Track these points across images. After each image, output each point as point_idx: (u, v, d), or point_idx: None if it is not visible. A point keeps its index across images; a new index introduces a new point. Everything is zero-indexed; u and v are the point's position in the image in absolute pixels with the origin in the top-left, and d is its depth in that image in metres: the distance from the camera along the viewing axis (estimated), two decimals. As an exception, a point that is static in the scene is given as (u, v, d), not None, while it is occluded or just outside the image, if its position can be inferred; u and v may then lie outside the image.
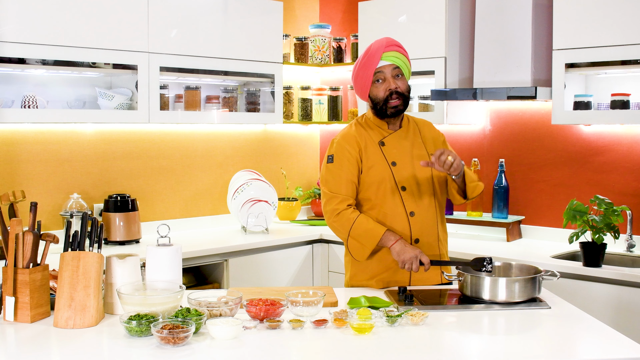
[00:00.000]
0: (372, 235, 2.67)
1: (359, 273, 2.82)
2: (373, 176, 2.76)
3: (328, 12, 5.09)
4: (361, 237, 2.68)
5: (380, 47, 2.71)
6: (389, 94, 2.73)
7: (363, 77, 2.75)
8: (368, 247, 2.68)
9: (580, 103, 3.66)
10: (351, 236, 2.70)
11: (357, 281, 2.83)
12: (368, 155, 2.77)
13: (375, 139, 2.80)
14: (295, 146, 4.99)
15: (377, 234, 2.66)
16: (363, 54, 2.76)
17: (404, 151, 2.80)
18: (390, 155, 2.78)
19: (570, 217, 3.34)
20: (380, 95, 2.74)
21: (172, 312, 2.18)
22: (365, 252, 2.69)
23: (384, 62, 2.72)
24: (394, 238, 2.66)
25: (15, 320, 2.25)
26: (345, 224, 2.70)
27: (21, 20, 3.36)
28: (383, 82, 2.73)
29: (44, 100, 3.63)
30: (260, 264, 4.02)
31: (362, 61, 2.75)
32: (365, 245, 2.68)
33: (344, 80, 4.95)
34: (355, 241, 2.70)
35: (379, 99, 2.75)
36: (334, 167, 2.77)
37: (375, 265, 2.78)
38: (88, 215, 2.42)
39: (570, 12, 3.55)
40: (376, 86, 2.74)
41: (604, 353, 2.04)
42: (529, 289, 2.48)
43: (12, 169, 3.69)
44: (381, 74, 2.73)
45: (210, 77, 4.25)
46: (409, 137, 2.84)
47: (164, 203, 4.29)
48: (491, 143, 4.26)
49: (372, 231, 2.67)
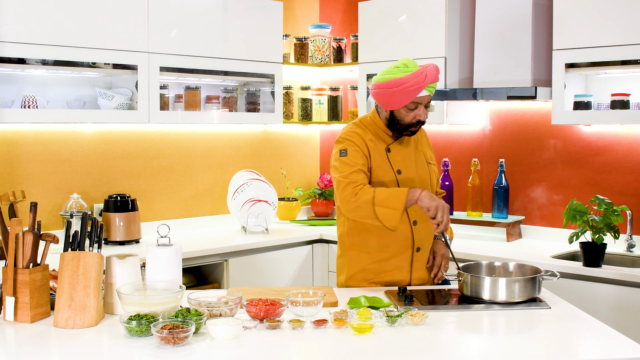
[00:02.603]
0: (398, 195, 2.58)
1: (358, 274, 2.82)
2: (378, 181, 2.74)
3: (328, 12, 5.09)
4: (387, 200, 2.58)
5: (429, 81, 2.64)
6: (414, 122, 2.72)
7: (400, 98, 2.66)
8: (398, 207, 2.57)
9: (580, 103, 3.66)
10: (376, 204, 2.59)
11: (356, 282, 2.82)
12: (375, 158, 2.75)
13: (381, 143, 2.79)
14: (295, 146, 4.99)
15: (402, 192, 2.58)
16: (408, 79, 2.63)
17: (408, 159, 2.81)
18: (395, 163, 2.78)
19: (570, 217, 3.34)
20: (406, 120, 2.72)
21: (172, 312, 2.18)
22: (397, 214, 2.57)
23: (425, 93, 2.68)
24: (419, 190, 2.59)
25: (15, 320, 2.25)
26: (366, 197, 2.60)
27: (21, 20, 3.36)
28: (414, 110, 2.69)
29: (44, 100, 3.63)
30: (260, 264, 4.02)
31: (405, 87, 2.63)
32: (394, 207, 2.57)
33: (344, 80, 4.95)
34: (383, 207, 2.58)
35: (403, 122, 2.72)
36: (348, 159, 2.72)
37: (374, 265, 2.79)
38: (88, 215, 2.42)
39: (570, 12, 3.55)
40: (407, 111, 2.70)
41: (604, 353, 2.04)
42: (529, 289, 2.48)
43: (12, 169, 3.69)
44: (418, 103, 2.69)
45: (210, 77, 4.25)
46: (411, 144, 2.85)
47: (164, 203, 4.29)
48: (491, 143, 4.26)
49: (396, 191, 2.59)
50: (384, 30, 4.31)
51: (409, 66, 2.66)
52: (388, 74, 2.67)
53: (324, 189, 4.88)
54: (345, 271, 2.85)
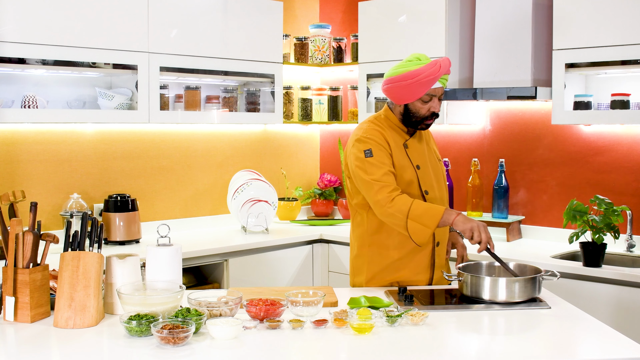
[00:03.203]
0: (433, 214, 2.58)
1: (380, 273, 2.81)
2: (401, 177, 2.74)
3: (328, 12, 5.09)
4: (421, 217, 2.58)
5: (444, 72, 2.66)
6: (429, 114, 2.73)
7: (415, 90, 2.67)
8: (430, 226, 2.58)
9: (580, 103, 3.66)
10: (410, 218, 2.59)
11: (378, 282, 2.82)
12: (396, 155, 2.76)
13: (398, 140, 2.79)
14: (295, 146, 4.99)
15: (438, 211, 2.58)
16: (422, 70, 2.65)
17: (423, 155, 2.83)
18: (414, 159, 2.79)
19: (570, 217, 3.34)
20: (421, 113, 2.73)
21: (172, 312, 2.18)
22: (427, 232, 2.59)
23: (438, 85, 2.69)
24: (455, 213, 2.59)
25: (15, 320, 2.25)
26: (402, 208, 2.59)
27: (21, 20, 3.36)
28: (429, 102, 2.71)
29: (44, 100, 3.63)
30: (260, 264, 4.02)
31: (420, 79, 2.64)
32: (427, 224, 2.58)
33: (344, 80, 4.95)
34: (416, 223, 2.59)
35: (418, 115, 2.73)
36: (375, 160, 2.70)
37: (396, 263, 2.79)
38: (88, 215, 2.42)
39: (570, 12, 3.55)
40: (422, 103, 2.71)
41: (604, 353, 2.04)
42: (529, 289, 2.48)
43: (12, 169, 3.69)
44: (430, 95, 2.70)
45: (210, 77, 4.25)
46: (423, 141, 2.87)
47: (164, 203, 4.29)
48: (491, 143, 4.26)
49: (432, 209, 2.59)
50: (384, 30, 4.31)
51: (421, 59, 2.69)
52: (401, 68, 2.69)
53: (324, 189, 4.88)
54: (365, 271, 2.83)
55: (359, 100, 4.58)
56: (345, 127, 4.97)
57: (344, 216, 4.80)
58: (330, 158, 5.08)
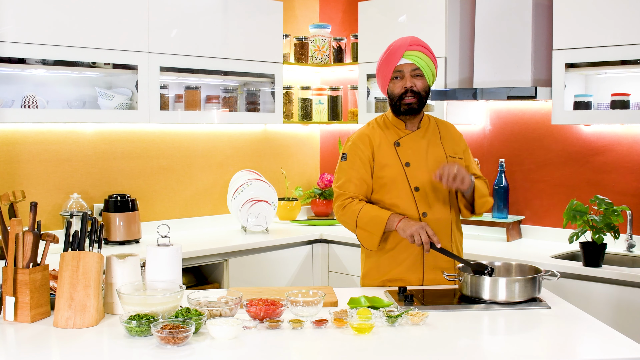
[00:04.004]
0: (377, 222, 2.67)
1: (372, 270, 2.83)
2: (385, 176, 2.77)
3: (328, 12, 5.09)
4: (368, 225, 2.69)
5: (402, 45, 2.74)
6: (404, 91, 2.77)
7: (383, 73, 2.79)
8: (376, 234, 2.68)
9: (580, 103, 3.66)
10: (359, 226, 2.71)
11: (370, 279, 2.84)
12: (382, 155, 2.78)
13: (391, 139, 2.82)
14: (295, 146, 4.99)
15: (382, 219, 2.66)
16: (385, 50, 2.80)
17: (419, 152, 2.82)
18: (404, 156, 2.80)
19: (570, 217, 3.34)
20: (396, 92, 2.78)
21: (172, 312, 2.18)
22: (374, 239, 2.69)
23: (404, 61, 2.75)
24: (397, 218, 2.65)
25: (15, 320, 2.25)
26: (351, 215, 2.71)
27: (21, 20, 3.36)
28: (400, 80, 2.77)
29: (44, 100, 3.63)
30: (260, 264, 4.02)
31: (384, 57, 2.79)
32: (373, 232, 2.68)
33: (344, 80, 4.95)
34: (363, 230, 2.71)
35: (394, 95, 2.79)
36: (346, 165, 2.81)
37: (387, 260, 2.79)
38: (88, 215, 2.42)
39: (570, 12, 3.55)
40: (394, 83, 2.78)
41: (604, 353, 2.04)
42: (529, 289, 2.48)
43: (12, 169, 3.69)
44: (400, 72, 2.76)
45: (210, 77, 4.25)
46: (427, 137, 2.86)
47: (164, 203, 4.29)
48: (491, 143, 4.26)
49: (377, 217, 2.68)
50: (384, 30, 4.31)
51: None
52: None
53: (324, 189, 4.88)
54: (362, 267, 2.90)
55: (359, 100, 4.58)
56: (345, 127, 4.97)
57: (344, 216, 4.80)
58: (330, 158, 5.08)
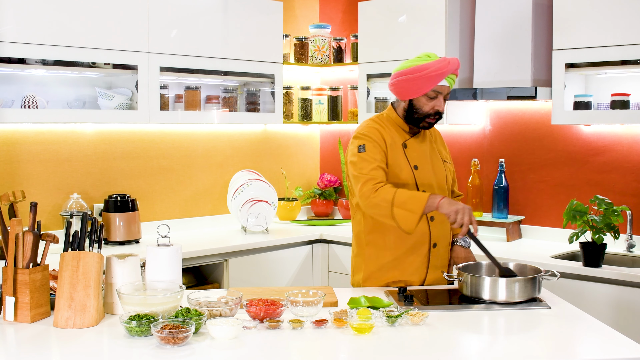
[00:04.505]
0: (417, 200, 2.56)
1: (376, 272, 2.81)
2: (397, 176, 2.74)
3: (328, 12, 5.09)
4: (407, 203, 2.56)
5: (450, 69, 2.67)
6: (432, 112, 2.73)
7: (422, 84, 2.68)
8: (416, 212, 2.55)
9: (580, 103, 3.66)
10: (396, 205, 2.56)
11: (374, 281, 2.82)
12: (393, 155, 2.76)
13: (397, 139, 2.79)
14: (295, 146, 4.99)
15: (423, 197, 2.57)
16: (428, 65, 2.67)
17: (424, 155, 2.81)
18: (412, 159, 2.78)
19: (570, 217, 3.34)
20: (425, 110, 2.73)
21: (172, 312, 2.18)
22: (414, 218, 2.56)
23: (445, 83, 2.69)
24: (439, 197, 2.57)
25: (15, 320, 2.25)
26: (386, 196, 2.58)
27: (21, 20, 3.36)
28: (433, 100, 2.71)
29: (44, 100, 3.63)
30: (260, 264, 4.02)
31: (426, 72, 2.66)
32: (413, 210, 2.55)
33: (344, 80, 4.95)
34: (402, 209, 2.56)
35: (422, 111, 2.73)
36: (366, 155, 2.71)
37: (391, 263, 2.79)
38: (88, 215, 2.42)
39: (570, 12, 3.55)
40: (426, 100, 2.71)
41: (604, 353, 2.04)
42: (529, 289, 2.48)
43: (12, 169, 3.69)
44: (436, 92, 2.70)
45: (210, 77, 4.25)
46: (427, 141, 2.86)
47: (164, 203, 4.29)
48: (491, 143, 4.26)
49: (417, 196, 2.58)
50: (384, 30, 4.31)
51: (430, 56, 2.71)
52: (410, 62, 2.71)
53: (324, 189, 4.88)
54: (363, 270, 2.84)
55: (358, 100, 4.58)
56: (345, 127, 4.97)
57: (344, 216, 4.80)
58: (330, 158, 5.08)
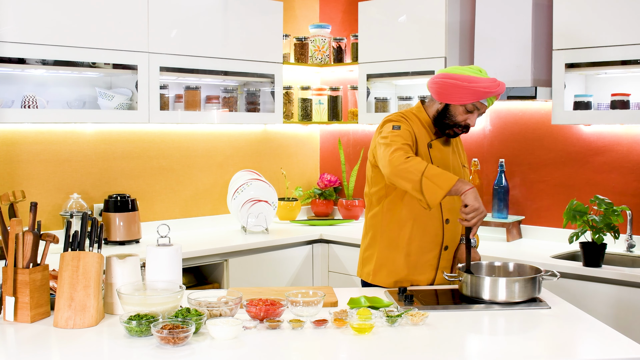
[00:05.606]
0: (447, 178, 2.54)
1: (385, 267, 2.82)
2: None
3: (328, 12, 5.09)
4: (437, 177, 2.53)
5: (498, 92, 2.70)
6: (463, 124, 2.75)
7: (464, 95, 2.69)
8: (444, 188, 2.52)
9: (580, 103, 3.66)
10: (426, 176, 2.52)
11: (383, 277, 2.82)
12: (419, 151, 2.77)
13: (424, 138, 2.80)
14: (295, 146, 4.99)
15: (453, 177, 2.55)
16: (482, 80, 2.69)
17: (446, 158, 2.83)
18: (435, 159, 2.79)
19: (570, 217, 3.34)
20: (457, 119, 2.74)
21: (172, 312, 2.18)
22: (440, 193, 2.53)
23: (485, 102, 2.73)
24: (470, 185, 2.56)
25: (15, 320, 2.25)
26: (418, 165, 2.55)
27: (21, 20, 3.36)
28: (469, 113, 2.73)
29: (44, 100, 3.63)
30: (260, 264, 4.02)
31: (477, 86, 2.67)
32: (441, 186, 2.53)
33: (344, 80, 4.95)
34: (431, 182, 2.53)
35: (454, 120, 2.75)
36: (401, 132, 2.70)
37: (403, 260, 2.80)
38: (88, 215, 2.42)
39: (570, 12, 3.55)
40: (463, 111, 2.73)
41: (604, 353, 2.04)
42: (529, 289, 2.48)
43: (12, 169, 3.69)
44: (475, 108, 2.72)
45: (210, 77, 4.25)
46: (450, 145, 2.87)
47: (164, 203, 4.29)
48: (491, 143, 4.26)
49: (448, 174, 2.56)
50: (384, 30, 4.31)
51: (482, 72, 2.73)
52: (462, 70, 2.73)
53: (324, 189, 4.88)
54: (374, 261, 2.85)
55: (359, 100, 4.58)
56: (345, 127, 4.97)
57: (344, 216, 4.80)
58: (330, 158, 5.08)
